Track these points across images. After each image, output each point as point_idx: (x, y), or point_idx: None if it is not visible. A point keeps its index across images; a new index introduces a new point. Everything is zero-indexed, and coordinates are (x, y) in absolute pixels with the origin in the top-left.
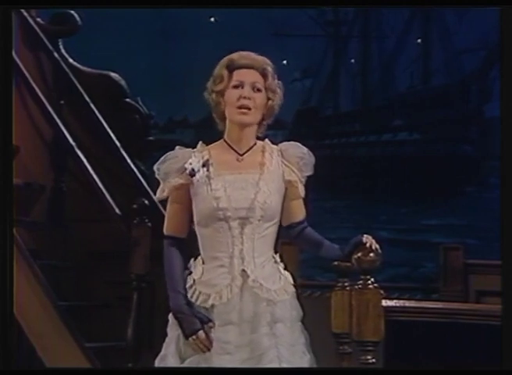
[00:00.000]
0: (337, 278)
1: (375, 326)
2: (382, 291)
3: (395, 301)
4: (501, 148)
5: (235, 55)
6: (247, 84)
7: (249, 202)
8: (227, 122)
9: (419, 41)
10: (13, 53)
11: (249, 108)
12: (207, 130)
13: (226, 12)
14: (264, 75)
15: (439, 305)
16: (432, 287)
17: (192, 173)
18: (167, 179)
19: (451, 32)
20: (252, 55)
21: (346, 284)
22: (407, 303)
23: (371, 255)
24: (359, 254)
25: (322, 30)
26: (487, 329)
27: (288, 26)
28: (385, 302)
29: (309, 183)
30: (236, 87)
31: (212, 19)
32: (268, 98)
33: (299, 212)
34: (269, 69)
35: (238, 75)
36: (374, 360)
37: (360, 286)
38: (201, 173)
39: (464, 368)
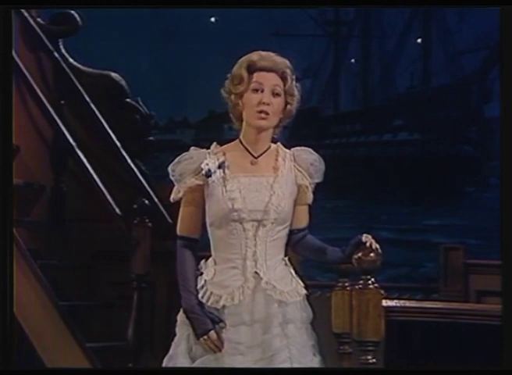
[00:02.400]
0: (338, 278)
1: (376, 326)
2: (382, 291)
3: (395, 301)
4: (501, 148)
5: (255, 56)
6: (267, 89)
7: (264, 205)
8: (244, 123)
9: (419, 40)
10: (13, 53)
11: (268, 113)
12: (206, 130)
13: (227, 12)
14: (283, 78)
15: (440, 305)
16: (432, 287)
17: (208, 174)
18: (182, 180)
19: (451, 32)
20: (272, 56)
21: (346, 284)
22: (408, 303)
23: (372, 255)
24: (359, 254)
25: (323, 30)
26: (487, 329)
27: (288, 26)
28: (385, 302)
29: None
30: (255, 90)
31: (213, 20)
32: (287, 102)
33: (303, 218)
34: (288, 71)
35: (258, 78)
36: (374, 360)
37: (360, 286)
38: (217, 174)
39: (464, 368)
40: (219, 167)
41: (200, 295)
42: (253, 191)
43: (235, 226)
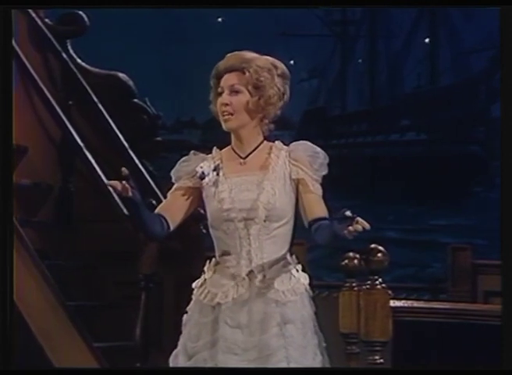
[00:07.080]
0: (345, 278)
1: (383, 327)
2: (389, 292)
3: (403, 301)
4: (501, 149)
5: (221, 61)
6: (226, 89)
7: (251, 203)
8: None
9: (427, 40)
10: (20, 54)
11: (231, 113)
12: (214, 130)
13: (234, 13)
14: (242, 73)
15: (447, 305)
16: (440, 287)
17: (202, 177)
18: (178, 181)
19: (459, 32)
20: (236, 54)
21: (354, 285)
22: (415, 303)
23: (379, 255)
24: (367, 254)
25: (330, 30)
26: (495, 329)
27: (295, 26)
28: (392, 303)
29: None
30: (219, 94)
31: (220, 20)
32: (253, 96)
33: (314, 209)
34: (251, 66)
35: (221, 82)
36: (382, 360)
37: (368, 286)
38: (211, 177)
39: (472, 368)
40: (214, 170)
41: (198, 293)
42: (243, 190)
43: (228, 226)
